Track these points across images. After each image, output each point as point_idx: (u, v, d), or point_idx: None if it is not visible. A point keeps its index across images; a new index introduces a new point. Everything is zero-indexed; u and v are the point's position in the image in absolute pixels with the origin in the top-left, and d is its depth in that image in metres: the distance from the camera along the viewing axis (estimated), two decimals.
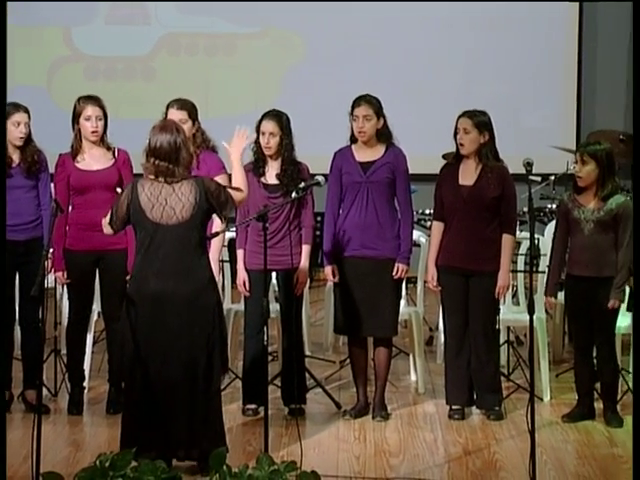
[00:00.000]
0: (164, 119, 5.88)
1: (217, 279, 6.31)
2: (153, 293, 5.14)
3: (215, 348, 5.21)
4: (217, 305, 5.27)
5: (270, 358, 6.75)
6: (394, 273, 6.18)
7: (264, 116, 6.27)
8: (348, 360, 6.58)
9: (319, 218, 7.07)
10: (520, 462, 5.42)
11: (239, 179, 5.40)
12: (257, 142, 6.23)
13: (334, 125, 6.40)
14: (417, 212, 7.48)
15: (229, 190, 5.31)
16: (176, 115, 6.16)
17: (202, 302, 5.18)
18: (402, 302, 6.59)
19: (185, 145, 5.23)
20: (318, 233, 7.01)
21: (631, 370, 6.80)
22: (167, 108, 6.24)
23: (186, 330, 5.15)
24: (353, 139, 6.27)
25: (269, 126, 6.22)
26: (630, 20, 10.13)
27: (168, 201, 5.17)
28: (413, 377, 7.01)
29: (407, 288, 7.20)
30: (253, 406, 6.25)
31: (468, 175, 6.19)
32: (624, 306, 6.32)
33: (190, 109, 6.23)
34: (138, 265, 5.23)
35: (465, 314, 6.21)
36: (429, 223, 7.39)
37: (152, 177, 5.21)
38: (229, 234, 6.50)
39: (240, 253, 6.31)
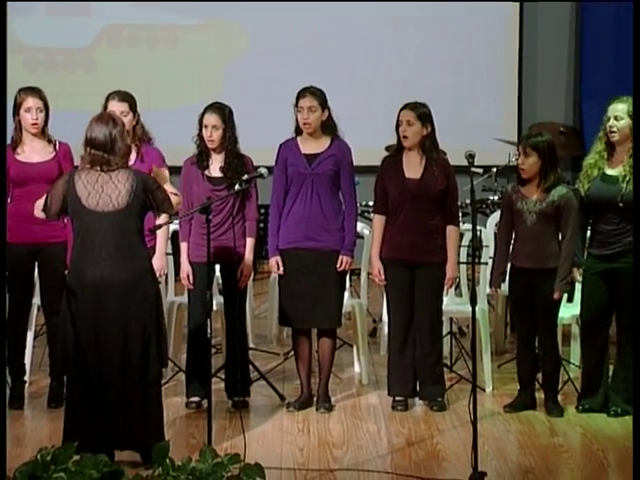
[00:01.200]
0: (103, 111, 5.85)
1: (165, 271, 6.32)
2: (90, 281, 5.12)
3: (151, 340, 5.19)
4: (155, 296, 5.25)
5: (214, 351, 6.74)
6: (338, 265, 6.19)
7: (207, 109, 6.24)
8: (292, 352, 6.59)
9: (263, 211, 7.07)
10: (462, 452, 5.46)
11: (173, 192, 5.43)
12: (200, 135, 6.22)
13: (277, 117, 6.39)
14: (360, 204, 7.49)
15: (167, 192, 5.31)
16: (117, 107, 6.12)
17: (139, 291, 5.17)
18: (346, 294, 6.60)
19: (121, 136, 5.22)
20: (262, 225, 7.01)
21: (572, 360, 6.89)
22: (107, 100, 6.20)
23: (122, 319, 5.14)
24: (298, 131, 6.27)
25: (212, 119, 6.19)
26: (569, 16, 10.27)
27: (104, 189, 5.15)
28: (357, 369, 7.03)
29: (351, 280, 7.21)
30: (196, 399, 6.23)
31: (413, 168, 6.21)
32: (565, 297, 6.40)
33: (131, 101, 6.20)
34: (75, 254, 5.21)
35: (410, 306, 6.23)
36: (372, 215, 7.40)
37: (88, 166, 5.19)
38: (172, 227, 6.47)
39: (184, 246, 6.28)
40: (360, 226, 6.80)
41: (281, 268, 6.23)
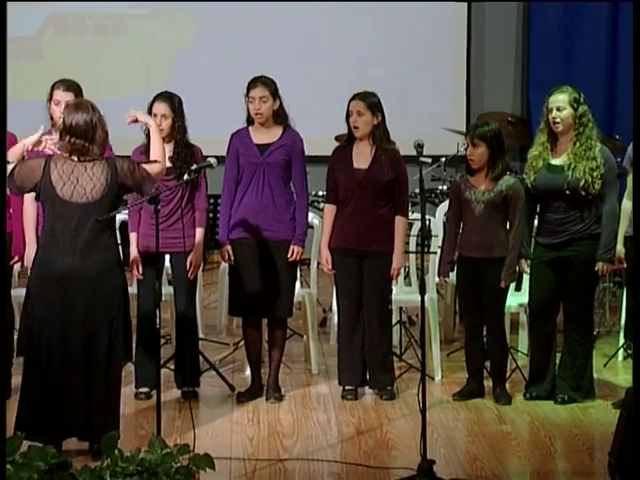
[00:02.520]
0: (78, 98, 5.75)
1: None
2: (59, 271, 5.09)
3: (118, 332, 5.18)
4: (123, 288, 5.24)
5: (163, 341, 6.72)
6: (289, 255, 6.19)
7: (156, 98, 6.21)
8: (242, 342, 6.58)
9: (212, 201, 7.04)
10: (412, 441, 5.49)
11: (157, 149, 5.37)
12: None
13: (226, 107, 6.38)
14: (310, 194, 7.48)
15: (144, 166, 5.27)
16: (63, 96, 6.06)
17: (108, 284, 5.16)
18: (297, 284, 6.60)
19: (101, 123, 5.19)
20: (212, 215, 6.98)
21: (520, 348, 6.94)
22: (52, 89, 6.13)
23: (89, 311, 5.12)
24: (250, 121, 6.25)
25: (161, 108, 6.16)
26: (517, 9, 10.34)
27: (79, 180, 5.13)
28: (306, 358, 7.04)
29: (301, 270, 7.22)
30: (146, 390, 6.21)
31: (362, 158, 6.22)
32: (513, 286, 6.45)
33: (77, 90, 6.14)
34: (45, 242, 5.18)
35: (359, 295, 6.25)
36: (322, 205, 7.42)
37: (66, 155, 5.15)
38: (121, 216, 6.43)
39: (133, 236, 6.25)
40: (310, 216, 6.80)
41: (231, 258, 6.22)
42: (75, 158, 5.15)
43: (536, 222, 6.25)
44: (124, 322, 5.23)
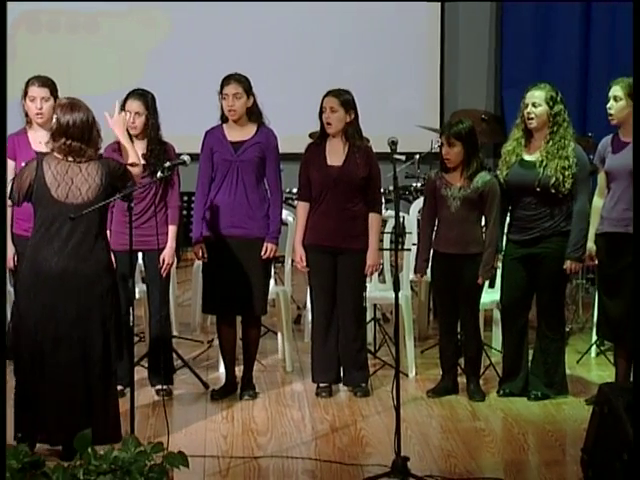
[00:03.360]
0: (69, 97, 5.71)
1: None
2: (53, 272, 5.07)
3: (112, 333, 5.17)
4: (114, 288, 5.23)
5: (137, 339, 6.71)
6: (263, 252, 6.18)
7: (129, 95, 6.19)
8: (216, 340, 6.57)
9: (186, 198, 7.03)
10: (386, 437, 5.50)
11: (132, 153, 5.36)
12: None
13: (200, 105, 6.37)
14: (285, 191, 7.49)
15: (129, 170, 5.28)
16: (38, 92, 6.04)
17: (101, 284, 5.14)
18: (270, 281, 6.60)
19: (95, 122, 5.17)
20: (185, 213, 6.97)
21: (494, 345, 6.97)
22: (27, 85, 6.11)
23: (84, 312, 5.10)
24: (224, 118, 6.24)
25: (134, 105, 6.15)
26: (490, 8, 10.38)
27: (74, 181, 5.11)
28: (281, 356, 7.04)
29: (275, 267, 7.21)
30: (119, 388, 6.16)
31: (336, 155, 6.23)
32: (487, 283, 6.47)
33: (52, 86, 6.12)
34: (36, 244, 5.13)
35: (333, 292, 6.25)
36: (296, 202, 7.41)
37: (60, 156, 5.12)
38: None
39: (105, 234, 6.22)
40: (284, 213, 6.80)
41: (205, 255, 6.21)
42: (70, 159, 5.13)
43: (508, 219, 6.27)
44: (116, 322, 5.21)
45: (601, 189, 6.08)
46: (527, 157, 6.13)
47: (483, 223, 6.22)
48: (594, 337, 7.07)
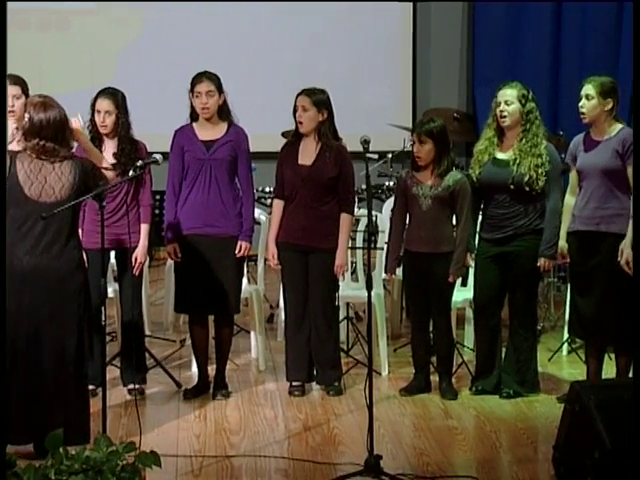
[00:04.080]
0: (41, 95, 5.69)
1: None
2: (26, 271, 5.04)
3: (85, 332, 5.15)
4: (86, 287, 5.21)
5: (109, 338, 6.69)
6: (237, 251, 6.17)
7: (99, 94, 6.17)
8: (189, 339, 6.56)
9: (158, 197, 7.01)
10: (359, 436, 5.49)
11: (100, 159, 5.37)
12: (92, 120, 6.14)
13: (171, 103, 6.34)
14: (257, 190, 7.49)
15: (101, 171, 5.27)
16: (9, 90, 6.00)
17: (74, 283, 5.13)
18: (244, 280, 6.59)
19: (67, 120, 5.14)
20: (157, 212, 6.95)
21: (466, 343, 6.99)
22: None
23: (57, 311, 5.08)
24: (193, 117, 6.22)
25: (104, 104, 6.12)
26: (462, 6, 10.41)
27: (48, 179, 5.09)
28: (254, 355, 7.03)
29: (248, 266, 7.21)
30: (91, 387, 6.12)
31: (307, 154, 6.23)
32: (459, 281, 6.48)
33: (23, 85, 6.09)
34: (11, 242, 5.09)
35: (305, 291, 6.25)
36: (269, 201, 7.41)
37: (34, 155, 5.10)
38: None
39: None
40: (257, 212, 6.80)
41: (178, 255, 6.19)
42: (43, 157, 5.10)
43: (480, 217, 6.29)
44: (89, 321, 5.19)
45: (573, 188, 6.11)
46: (500, 155, 6.15)
47: (455, 222, 6.24)
48: (565, 335, 7.09)
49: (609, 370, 6.16)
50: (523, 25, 10.16)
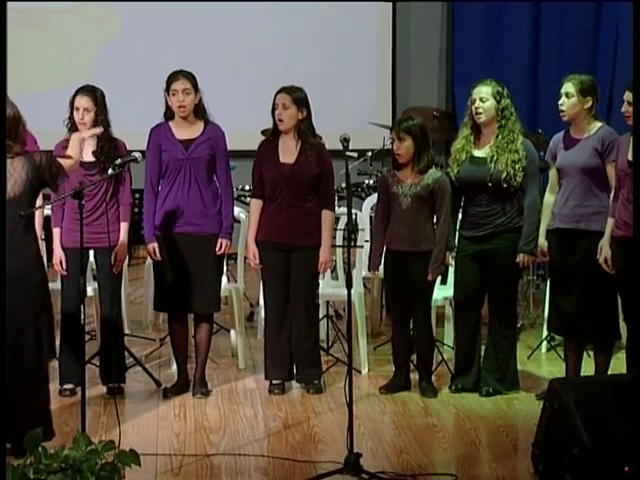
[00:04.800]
0: None
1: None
2: None
3: (44, 328, 5.11)
4: (44, 283, 5.18)
5: (88, 337, 6.67)
6: (217, 248, 6.16)
7: (78, 91, 6.15)
8: (168, 338, 6.54)
9: (138, 195, 6.99)
10: (338, 434, 5.50)
11: (74, 147, 5.34)
12: (71, 118, 6.12)
13: (150, 101, 6.32)
14: (237, 188, 7.48)
15: (59, 160, 5.22)
16: None
17: (30, 280, 5.09)
18: (223, 278, 6.58)
19: (21, 118, 5.12)
20: (137, 210, 6.93)
21: (446, 341, 7.00)
22: None
23: (14, 308, 5.03)
24: (169, 115, 6.21)
25: (83, 101, 6.10)
26: (441, 7, 10.44)
27: None
28: (234, 353, 7.02)
29: (228, 264, 7.20)
30: (70, 386, 6.14)
31: (288, 152, 6.22)
32: (439, 279, 6.50)
33: None
34: None
35: (286, 289, 6.25)
36: (249, 199, 7.40)
37: None
38: (45, 212, 6.34)
39: (56, 231, 6.18)
40: (237, 210, 6.79)
41: (157, 254, 6.18)
42: None
43: (460, 216, 6.30)
44: (47, 317, 5.16)
45: (552, 185, 6.13)
46: (477, 153, 6.17)
47: (435, 220, 6.24)
48: (545, 333, 7.12)
49: (588, 367, 6.18)
50: (502, 24, 10.20)
